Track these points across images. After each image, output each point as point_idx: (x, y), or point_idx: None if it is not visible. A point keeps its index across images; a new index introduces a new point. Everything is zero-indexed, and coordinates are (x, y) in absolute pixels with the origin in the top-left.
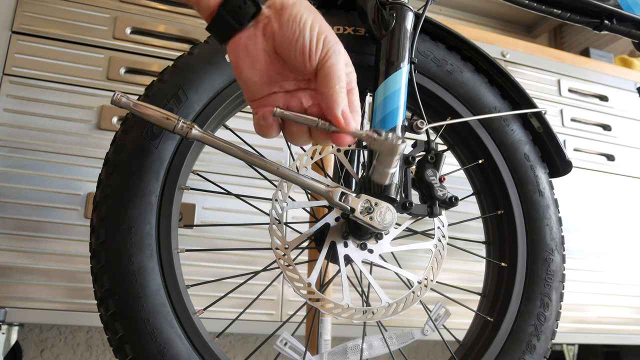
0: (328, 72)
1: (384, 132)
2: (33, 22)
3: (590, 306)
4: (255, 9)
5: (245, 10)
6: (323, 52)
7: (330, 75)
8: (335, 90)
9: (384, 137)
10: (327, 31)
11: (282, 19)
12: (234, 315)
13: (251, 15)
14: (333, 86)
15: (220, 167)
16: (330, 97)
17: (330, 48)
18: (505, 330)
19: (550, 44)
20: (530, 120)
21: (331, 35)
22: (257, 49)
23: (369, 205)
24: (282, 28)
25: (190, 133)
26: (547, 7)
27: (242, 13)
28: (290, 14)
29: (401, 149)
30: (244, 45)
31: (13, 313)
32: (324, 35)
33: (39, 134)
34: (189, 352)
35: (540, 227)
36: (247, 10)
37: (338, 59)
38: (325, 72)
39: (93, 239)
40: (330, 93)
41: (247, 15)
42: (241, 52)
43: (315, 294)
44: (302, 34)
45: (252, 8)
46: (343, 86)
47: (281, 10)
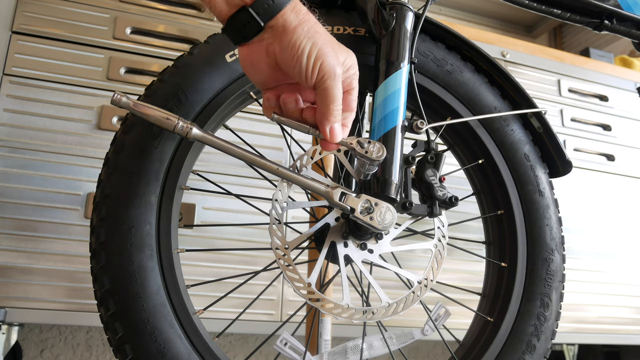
0: (323, 93)
1: (367, 143)
2: (33, 22)
3: (590, 306)
4: (257, 28)
5: (249, 28)
6: (319, 77)
7: (325, 96)
8: (329, 109)
9: (365, 150)
10: (324, 56)
11: (282, 43)
12: (234, 315)
13: (254, 33)
14: (327, 105)
15: (220, 167)
16: (323, 115)
17: (325, 73)
18: (505, 330)
19: (550, 44)
20: (530, 120)
21: (329, 58)
22: (260, 62)
23: (369, 205)
24: (282, 53)
25: (190, 133)
26: (547, 7)
27: (245, 30)
28: (290, 40)
29: (377, 162)
30: (248, 57)
31: (13, 313)
32: (320, 62)
33: (39, 134)
34: (189, 352)
35: (540, 227)
36: (251, 28)
37: (333, 82)
38: (321, 93)
39: (93, 239)
40: (323, 111)
41: (250, 33)
42: (247, 60)
43: (315, 294)
44: (300, 61)
45: (254, 27)
46: (338, 105)
47: (282, 34)
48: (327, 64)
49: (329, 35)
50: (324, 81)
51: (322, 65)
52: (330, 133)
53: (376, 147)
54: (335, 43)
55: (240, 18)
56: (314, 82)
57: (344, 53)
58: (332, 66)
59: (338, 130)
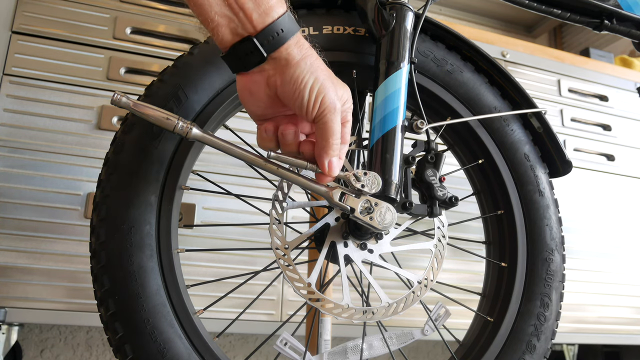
0: (323, 127)
1: (362, 175)
2: (33, 22)
3: (590, 306)
4: (259, 58)
5: (251, 58)
6: (319, 111)
7: (325, 130)
8: (329, 143)
9: (360, 183)
10: (326, 91)
11: (284, 76)
12: (234, 315)
13: (255, 63)
14: (327, 139)
15: (220, 167)
16: (322, 148)
17: (326, 108)
18: (505, 330)
19: (550, 44)
20: (530, 120)
21: (330, 94)
22: (259, 92)
23: (369, 206)
24: (284, 86)
25: (190, 133)
26: (547, 7)
27: (247, 60)
28: (293, 75)
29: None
30: (248, 87)
31: (13, 313)
32: (322, 96)
33: (39, 134)
34: (189, 352)
35: (540, 227)
36: (253, 58)
37: (333, 117)
38: (320, 126)
39: (93, 239)
40: (322, 144)
41: (252, 63)
42: (245, 89)
43: (315, 294)
44: (302, 95)
45: (257, 57)
46: (337, 138)
47: (285, 67)
48: (328, 99)
49: (329, 70)
50: (325, 115)
51: (324, 100)
52: (328, 167)
53: (371, 179)
54: (334, 77)
55: (243, 47)
56: (314, 116)
57: (342, 88)
58: (333, 101)
59: (336, 164)
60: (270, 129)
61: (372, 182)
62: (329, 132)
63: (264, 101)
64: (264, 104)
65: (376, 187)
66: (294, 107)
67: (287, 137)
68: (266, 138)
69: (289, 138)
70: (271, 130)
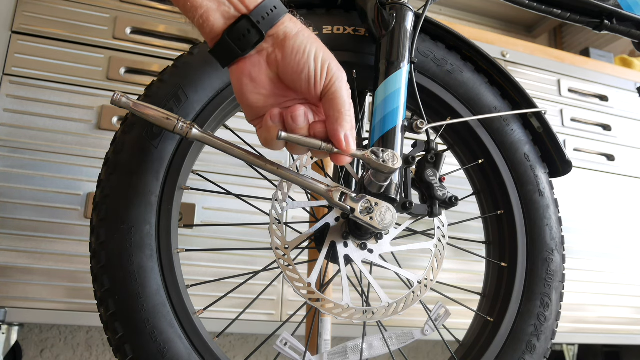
0: (333, 97)
1: (381, 152)
2: (33, 22)
3: (590, 306)
4: (258, 37)
5: (248, 38)
6: (327, 80)
7: (336, 100)
8: (342, 113)
9: (380, 160)
10: (330, 59)
11: (285, 50)
12: (234, 315)
13: (254, 42)
14: (339, 110)
15: (220, 167)
16: (336, 121)
17: (333, 75)
18: (505, 330)
19: (550, 44)
20: (530, 120)
21: (334, 62)
22: (261, 76)
23: (369, 205)
24: (286, 59)
25: (190, 133)
26: (547, 7)
27: (245, 40)
28: (294, 46)
29: (394, 170)
30: (248, 72)
31: (13, 313)
32: (327, 64)
33: (39, 134)
34: (189, 352)
35: (540, 227)
36: (251, 38)
37: (342, 84)
38: (330, 97)
39: (93, 239)
40: (335, 116)
41: (250, 43)
42: (245, 77)
43: (315, 294)
44: (307, 64)
45: (255, 36)
46: (348, 109)
47: (284, 40)
48: (335, 66)
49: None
50: (334, 83)
51: (330, 68)
52: (345, 141)
53: (390, 155)
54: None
55: (238, 29)
56: (323, 87)
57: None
58: (339, 68)
59: (352, 138)
60: (275, 114)
61: (392, 157)
62: (340, 101)
63: (266, 87)
64: (266, 91)
65: (398, 162)
66: (299, 81)
67: (298, 120)
68: (272, 127)
69: (300, 121)
70: (277, 116)
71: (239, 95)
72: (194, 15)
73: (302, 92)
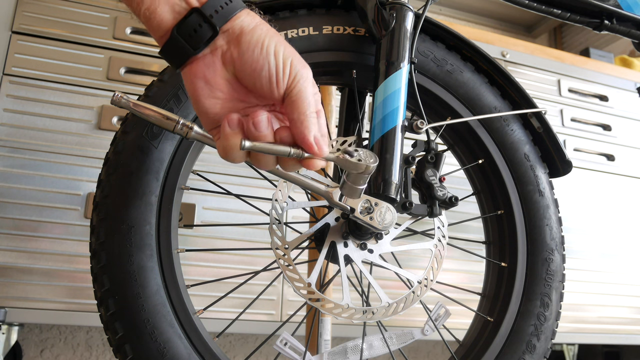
0: (297, 98)
1: (355, 152)
2: (33, 22)
3: (590, 306)
4: (211, 32)
5: (200, 34)
6: (290, 78)
7: (300, 101)
8: (307, 115)
9: (355, 159)
10: (292, 55)
11: (241, 46)
12: (234, 315)
13: (207, 39)
14: (304, 112)
15: (220, 167)
16: (302, 124)
17: (297, 73)
18: (505, 330)
19: (550, 44)
20: (530, 120)
21: (297, 58)
22: (216, 78)
23: (369, 205)
24: (243, 56)
25: (190, 133)
26: (547, 7)
27: (196, 37)
28: (251, 40)
29: (372, 169)
30: (202, 74)
31: (13, 313)
32: (289, 60)
33: (39, 134)
34: (189, 352)
35: (540, 227)
36: (203, 34)
37: (306, 83)
38: (293, 98)
39: (93, 239)
40: (301, 119)
41: (202, 40)
42: (199, 80)
43: (315, 294)
44: (267, 60)
45: (208, 32)
46: (313, 111)
47: (240, 35)
48: (298, 63)
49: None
50: (297, 82)
51: (293, 64)
52: (316, 144)
53: (366, 154)
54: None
55: (188, 24)
56: (286, 86)
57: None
58: (303, 65)
59: (322, 140)
60: (234, 120)
61: (368, 155)
62: (304, 103)
63: (222, 90)
64: (223, 95)
65: (374, 161)
66: (259, 80)
67: (260, 126)
68: (231, 134)
69: (263, 127)
70: (235, 122)
71: (193, 101)
72: (139, 8)
73: (264, 94)
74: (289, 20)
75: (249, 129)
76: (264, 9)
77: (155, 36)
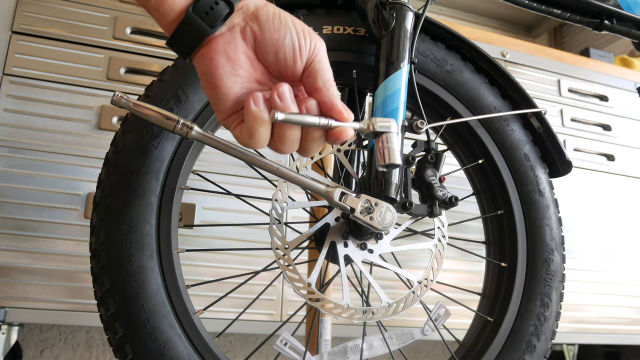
0: (320, 66)
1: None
2: (33, 22)
3: (590, 306)
4: (228, 9)
5: (217, 11)
6: (312, 47)
7: (323, 69)
8: (331, 83)
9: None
10: (307, 27)
11: (260, 19)
12: (234, 315)
13: (224, 16)
14: (328, 79)
15: (220, 167)
16: (328, 90)
17: (316, 43)
18: (505, 330)
19: (550, 44)
20: (530, 120)
21: (312, 30)
22: (238, 52)
23: (369, 205)
24: (265, 28)
25: (190, 133)
26: (547, 7)
27: (213, 14)
28: (268, 13)
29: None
30: (223, 50)
31: (13, 313)
32: (307, 30)
33: (39, 134)
34: (189, 352)
35: (540, 227)
36: (219, 11)
37: (324, 53)
38: (317, 66)
39: (93, 239)
40: (327, 86)
41: (219, 17)
42: (220, 56)
43: (315, 294)
44: (288, 30)
45: (224, 8)
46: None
47: (257, 11)
48: (314, 34)
49: None
50: (318, 51)
51: (311, 34)
52: (344, 109)
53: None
54: None
55: (204, 2)
56: (308, 55)
57: None
58: (318, 37)
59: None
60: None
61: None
62: (327, 71)
63: (244, 67)
64: (244, 72)
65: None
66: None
67: (285, 97)
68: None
69: (287, 97)
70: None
71: (212, 81)
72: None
73: (286, 66)
74: None
75: (274, 101)
76: None
77: (166, 22)
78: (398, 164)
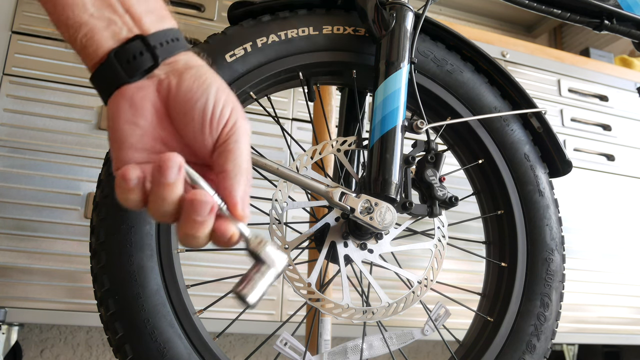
0: (235, 147)
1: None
2: (33, 22)
3: (590, 306)
4: (152, 62)
5: (139, 61)
6: (229, 124)
7: (239, 151)
8: (242, 170)
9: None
10: (234, 103)
11: (183, 76)
12: (234, 315)
13: (146, 68)
14: (239, 165)
15: None
16: (235, 177)
17: (237, 121)
18: (505, 330)
19: (550, 44)
20: (530, 120)
21: (240, 108)
22: (144, 102)
23: (368, 205)
24: (182, 85)
25: None
26: (547, 7)
27: (134, 64)
28: (195, 74)
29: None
30: (129, 95)
31: (13, 313)
32: (231, 105)
33: (39, 134)
34: (189, 352)
35: (540, 227)
36: (142, 62)
37: (245, 137)
38: (231, 147)
39: (93, 239)
40: (235, 172)
41: (140, 68)
42: (124, 101)
43: (315, 294)
44: (206, 94)
45: (148, 61)
46: (248, 169)
47: (185, 68)
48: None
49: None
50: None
51: (234, 111)
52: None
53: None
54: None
55: (129, 49)
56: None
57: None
58: (244, 118)
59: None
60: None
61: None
62: (242, 155)
63: (147, 118)
64: (145, 124)
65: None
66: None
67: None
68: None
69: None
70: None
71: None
72: (75, 35)
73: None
74: (289, 20)
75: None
76: (264, 9)
77: (89, 63)
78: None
